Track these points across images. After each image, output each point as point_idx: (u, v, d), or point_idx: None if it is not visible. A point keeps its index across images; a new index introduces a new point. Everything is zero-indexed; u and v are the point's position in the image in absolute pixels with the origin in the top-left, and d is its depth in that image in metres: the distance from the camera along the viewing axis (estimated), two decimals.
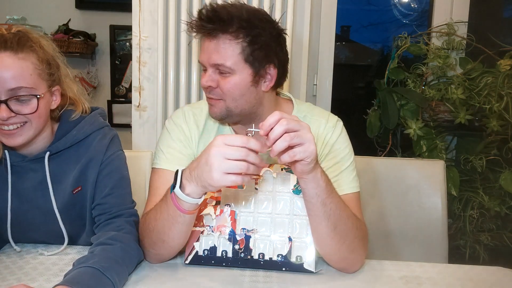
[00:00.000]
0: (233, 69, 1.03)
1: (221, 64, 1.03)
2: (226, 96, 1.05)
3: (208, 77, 1.05)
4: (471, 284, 1.01)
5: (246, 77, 1.05)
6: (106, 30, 2.95)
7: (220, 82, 1.05)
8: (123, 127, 2.80)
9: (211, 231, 1.05)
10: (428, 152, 1.88)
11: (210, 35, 1.03)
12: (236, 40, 1.02)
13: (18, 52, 0.98)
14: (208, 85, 1.05)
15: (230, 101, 1.06)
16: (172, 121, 1.18)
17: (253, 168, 0.85)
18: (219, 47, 1.02)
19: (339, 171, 1.11)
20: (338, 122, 1.18)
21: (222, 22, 1.01)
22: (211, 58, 1.03)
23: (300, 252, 1.03)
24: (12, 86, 0.96)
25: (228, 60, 1.02)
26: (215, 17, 1.01)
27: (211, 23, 1.01)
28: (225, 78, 1.04)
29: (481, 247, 1.90)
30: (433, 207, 1.48)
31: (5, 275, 0.97)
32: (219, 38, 1.02)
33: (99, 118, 1.16)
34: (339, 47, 3.35)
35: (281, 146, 0.84)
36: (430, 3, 2.26)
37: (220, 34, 1.02)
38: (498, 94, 1.77)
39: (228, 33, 1.02)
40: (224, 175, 0.84)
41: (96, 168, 1.09)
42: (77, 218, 1.12)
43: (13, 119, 0.98)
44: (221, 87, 1.05)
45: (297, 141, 0.85)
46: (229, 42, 1.02)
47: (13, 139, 1.01)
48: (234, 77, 1.04)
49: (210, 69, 1.05)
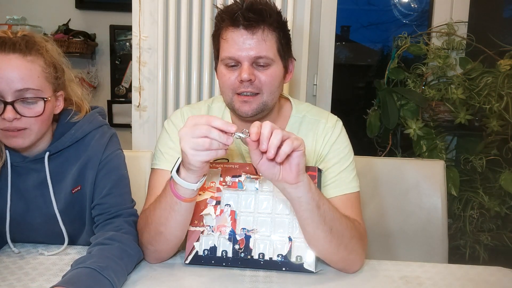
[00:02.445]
0: (273, 60, 1.05)
1: (264, 56, 1.03)
2: (265, 89, 1.06)
3: (250, 70, 1.03)
4: (471, 284, 1.01)
5: (281, 68, 1.08)
6: (106, 30, 2.96)
7: (258, 75, 1.05)
8: (123, 127, 2.80)
9: (211, 231, 1.05)
10: (428, 152, 1.88)
11: (253, 27, 1.03)
12: (274, 32, 1.05)
13: (26, 54, 0.99)
14: (250, 79, 1.03)
15: (268, 94, 1.06)
16: (171, 121, 1.18)
17: (217, 144, 0.86)
18: (261, 38, 1.03)
19: (339, 171, 1.11)
20: (337, 122, 1.18)
21: (264, 13, 1.03)
22: (253, 50, 1.03)
23: (300, 252, 1.03)
24: (20, 87, 0.97)
25: (270, 51, 1.04)
26: (258, 9, 1.03)
27: (256, 14, 1.02)
28: (264, 70, 1.05)
29: (481, 247, 1.90)
30: (433, 207, 1.48)
31: (5, 275, 0.97)
32: (263, 29, 1.03)
33: (98, 116, 1.16)
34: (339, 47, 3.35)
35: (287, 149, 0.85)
36: (430, 3, 2.26)
37: (263, 25, 1.03)
38: (498, 94, 1.78)
39: (269, 24, 1.04)
40: (194, 152, 0.87)
41: (95, 167, 1.09)
42: (77, 218, 1.12)
43: (16, 123, 0.98)
44: (260, 79, 1.05)
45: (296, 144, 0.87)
46: (271, 34, 1.04)
47: (16, 141, 1.01)
48: (273, 68, 1.06)
49: (247, 62, 1.03)
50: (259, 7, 1.03)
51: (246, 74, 1.03)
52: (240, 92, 1.06)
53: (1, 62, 0.96)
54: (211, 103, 1.21)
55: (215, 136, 0.86)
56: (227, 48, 1.05)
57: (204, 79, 1.92)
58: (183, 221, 1.00)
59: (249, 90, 1.05)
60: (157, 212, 0.99)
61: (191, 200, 0.97)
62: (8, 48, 0.98)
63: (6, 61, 0.97)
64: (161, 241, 1.02)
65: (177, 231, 1.01)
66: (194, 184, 0.93)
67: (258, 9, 1.02)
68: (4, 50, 0.97)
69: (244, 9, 1.02)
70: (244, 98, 1.07)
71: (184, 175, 0.93)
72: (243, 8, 1.02)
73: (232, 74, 1.06)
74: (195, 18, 1.87)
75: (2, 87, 0.95)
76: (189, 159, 0.88)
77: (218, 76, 1.11)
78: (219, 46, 1.08)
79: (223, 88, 1.10)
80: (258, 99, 1.06)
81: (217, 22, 1.08)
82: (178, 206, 0.96)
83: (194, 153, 0.87)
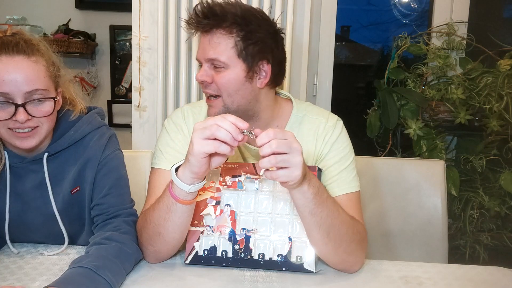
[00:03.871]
0: (227, 63, 1.05)
1: (214, 59, 1.05)
2: (222, 91, 1.06)
3: (203, 72, 1.07)
4: (471, 284, 1.01)
5: (239, 72, 1.06)
6: (106, 30, 2.96)
7: (214, 77, 1.06)
8: (123, 127, 2.80)
9: (211, 231, 1.05)
10: (428, 152, 1.88)
11: (205, 31, 1.06)
12: (230, 35, 1.04)
13: (30, 55, 0.99)
14: (203, 80, 1.07)
15: (226, 96, 1.07)
16: (171, 120, 1.18)
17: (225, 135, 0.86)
18: (212, 41, 1.04)
19: (339, 171, 1.11)
20: (338, 121, 1.18)
21: (216, 17, 1.04)
22: (205, 53, 1.06)
23: (300, 252, 1.03)
24: (29, 89, 0.97)
25: (222, 55, 1.04)
26: (209, 13, 1.04)
27: (206, 18, 1.04)
28: (219, 73, 1.06)
29: (481, 247, 1.90)
30: (433, 207, 1.48)
31: (5, 275, 0.97)
32: (213, 33, 1.05)
33: (97, 117, 1.16)
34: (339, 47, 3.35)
35: (265, 165, 0.86)
36: (430, 3, 2.26)
37: (214, 29, 1.04)
38: (498, 94, 1.77)
39: (221, 28, 1.04)
40: (200, 141, 0.87)
41: (94, 168, 1.08)
42: (76, 219, 1.12)
43: (28, 122, 0.99)
44: (216, 82, 1.06)
45: (282, 165, 0.86)
46: (223, 37, 1.04)
47: (27, 142, 1.01)
48: (228, 71, 1.05)
49: (205, 64, 1.07)
50: (212, 11, 1.04)
51: (199, 76, 1.07)
52: (205, 93, 1.11)
53: (8, 64, 0.96)
54: None
55: (225, 125, 0.86)
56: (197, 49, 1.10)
57: None
58: (180, 224, 0.99)
59: (208, 92, 1.09)
60: (156, 213, 0.99)
61: (187, 202, 0.96)
62: (12, 49, 0.97)
63: (12, 63, 0.96)
64: (160, 241, 1.02)
65: (175, 233, 1.00)
66: (187, 186, 0.92)
67: (210, 12, 1.04)
68: (8, 52, 0.97)
69: (198, 13, 1.05)
70: (209, 102, 1.10)
71: (180, 173, 0.93)
72: (197, 12, 1.05)
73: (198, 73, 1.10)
74: None
75: (11, 89, 0.95)
76: (194, 147, 0.88)
77: None
78: None
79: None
80: (218, 103, 1.08)
81: None
82: (174, 207, 0.96)
83: (201, 142, 0.87)
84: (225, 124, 0.86)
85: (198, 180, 0.93)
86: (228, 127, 0.86)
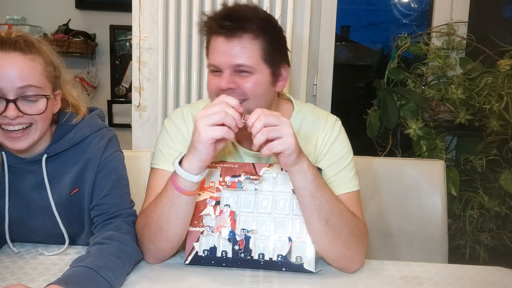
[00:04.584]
0: (254, 68, 1.03)
1: (242, 64, 1.02)
2: (249, 96, 1.04)
3: (227, 79, 1.03)
4: (471, 284, 1.01)
5: (265, 76, 1.06)
6: (106, 30, 2.96)
7: (239, 82, 1.04)
8: (123, 127, 2.80)
9: (210, 231, 1.05)
10: (428, 152, 1.88)
11: (230, 35, 1.02)
12: (256, 39, 1.03)
13: (27, 53, 0.99)
14: (228, 87, 1.03)
15: (253, 100, 1.05)
16: (171, 120, 1.18)
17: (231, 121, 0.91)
18: (241, 46, 1.02)
19: (338, 170, 1.11)
20: (336, 121, 1.18)
21: (242, 20, 1.02)
22: (230, 58, 1.02)
23: (300, 252, 1.03)
24: (21, 84, 0.97)
25: (249, 60, 1.02)
26: (236, 16, 1.02)
27: (233, 22, 1.01)
28: (245, 78, 1.04)
29: (481, 247, 1.90)
30: (433, 207, 1.48)
31: (5, 275, 0.97)
32: (241, 38, 1.02)
33: (97, 119, 1.16)
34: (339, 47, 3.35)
35: (259, 139, 0.90)
36: (430, 3, 2.26)
37: (240, 33, 1.02)
38: (498, 94, 1.78)
39: (248, 32, 1.02)
40: (208, 128, 0.90)
41: (94, 169, 1.08)
42: (75, 220, 1.12)
43: (20, 119, 0.98)
44: (242, 87, 1.03)
45: (274, 135, 0.90)
46: (250, 41, 1.02)
47: (18, 143, 1.00)
48: (254, 76, 1.04)
49: (227, 70, 1.03)
50: (238, 14, 1.02)
51: (224, 83, 1.03)
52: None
53: (2, 60, 0.96)
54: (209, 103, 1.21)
55: (231, 112, 0.89)
56: (210, 55, 1.06)
57: (204, 79, 1.91)
58: (184, 217, 1.00)
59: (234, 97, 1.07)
60: (158, 209, 1.00)
61: (193, 193, 0.98)
62: (8, 46, 0.98)
63: (7, 59, 0.97)
64: (162, 238, 1.02)
65: (178, 228, 1.01)
66: (195, 176, 0.94)
67: (237, 16, 1.02)
68: (5, 49, 0.97)
69: (223, 16, 1.02)
70: None
71: (186, 166, 0.94)
72: (220, 16, 1.03)
73: (216, 80, 1.06)
74: (195, 18, 1.87)
75: (3, 85, 0.95)
76: (201, 134, 0.90)
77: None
78: (207, 52, 1.09)
79: (209, 94, 1.11)
80: (244, 106, 1.05)
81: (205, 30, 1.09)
82: (180, 200, 0.97)
83: (207, 128, 0.89)
84: (230, 110, 0.90)
85: (204, 168, 0.96)
86: (233, 114, 0.90)
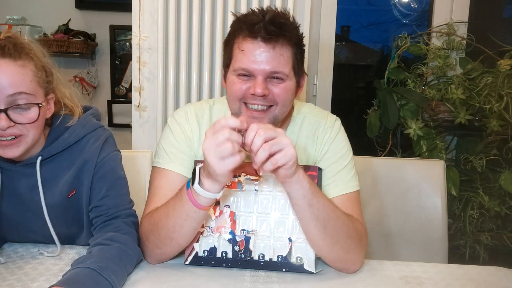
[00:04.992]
0: (288, 76, 1.03)
1: (279, 71, 1.01)
2: (278, 102, 1.03)
3: (263, 85, 1.00)
4: (471, 284, 1.01)
5: (293, 83, 1.06)
6: (106, 30, 2.96)
7: (272, 88, 1.02)
8: (123, 127, 2.81)
9: (210, 232, 1.05)
10: (428, 152, 1.89)
11: (272, 40, 0.99)
12: (292, 47, 1.02)
13: (16, 59, 0.95)
14: (264, 94, 1.00)
15: (281, 107, 1.04)
16: (175, 120, 1.16)
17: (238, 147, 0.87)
18: (280, 53, 1.00)
19: (337, 170, 1.11)
20: (336, 121, 1.18)
21: (284, 27, 1.00)
22: (270, 64, 1.00)
23: (300, 253, 1.03)
24: (12, 92, 0.93)
25: (285, 67, 1.02)
26: (280, 23, 1.00)
27: (277, 27, 0.99)
28: (276, 84, 1.02)
29: (481, 247, 1.90)
30: (433, 207, 1.48)
31: (5, 275, 0.97)
32: (282, 44, 1.00)
33: (92, 119, 1.13)
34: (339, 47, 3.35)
35: (262, 156, 0.86)
36: (430, 3, 2.26)
37: (282, 39, 1.00)
38: (498, 94, 1.78)
39: (288, 39, 1.01)
40: (221, 162, 0.86)
41: (90, 170, 1.06)
42: (74, 221, 1.11)
43: (11, 129, 0.95)
44: (274, 93, 1.02)
45: (276, 148, 0.87)
46: (288, 49, 1.02)
47: (9, 151, 0.97)
48: (286, 83, 1.03)
49: (261, 76, 1.00)
50: (280, 21, 1.00)
51: (260, 89, 1.00)
52: (251, 103, 1.03)
53: None
54: (212, 104, 1.19)
55: (235, 137, 0.86)
56: (241, 59, 1.02)
57: (204, 79, 1.92)
58: (196, 227, 1.00)
59: (260, 103, 1.03)
60: (171, 220, 0.98)
61: (210, 207, 0.98)
62: None
63: None
64: (171, 245, 1.02)
65: (189, 237, 1.02)
66: (217, 194, 0.94)
67: (279, 23, 0.99)
68: None
69: (266, 21, 0.99)
70: (254, 114, 1.04)
71: (208, 186, 0.92)
72: (265, 20, 0.99)
73: (243, 84, 1.03)
74: (195, 18, 1.87)
75: None
76: (217, 169, 0.87)
77: (227, 85, 1.08)
78: (232, 55, 1.05)
79: (230, 97, 1.07)
80: (270, 113, 1.04)
81: (233, 30, 1.05)
82: (197, 214, 0.96)
83: (222, 162, 0.86)
84: (234, 136, 0.86)
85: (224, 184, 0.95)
86: (238, 138, 0.87)
